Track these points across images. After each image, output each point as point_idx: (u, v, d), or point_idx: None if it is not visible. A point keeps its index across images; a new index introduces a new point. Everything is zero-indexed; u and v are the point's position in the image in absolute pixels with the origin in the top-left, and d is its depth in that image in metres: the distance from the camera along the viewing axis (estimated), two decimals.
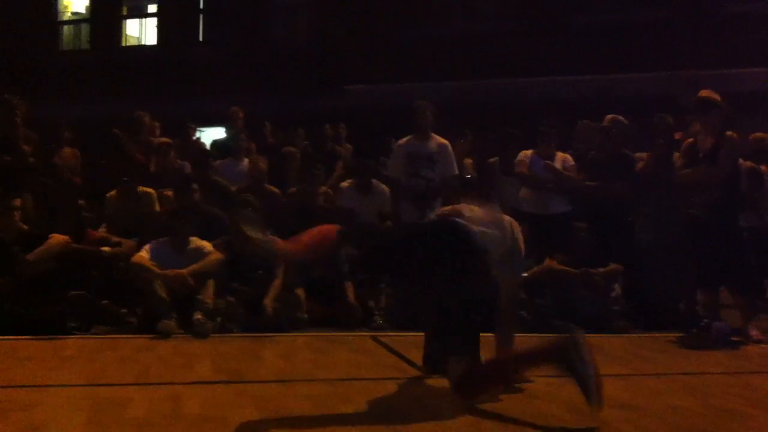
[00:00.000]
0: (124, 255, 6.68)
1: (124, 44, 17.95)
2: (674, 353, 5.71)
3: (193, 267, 6.25)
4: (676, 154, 6.82)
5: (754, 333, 6.12)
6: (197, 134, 10.62)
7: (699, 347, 5.85)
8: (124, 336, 5.93)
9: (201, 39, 17.34)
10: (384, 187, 7.72)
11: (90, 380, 4.36)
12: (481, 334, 3.93)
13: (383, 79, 14.46)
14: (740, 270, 6.24)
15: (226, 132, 9.76)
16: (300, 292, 6.66)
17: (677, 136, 7.31)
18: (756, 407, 3.96)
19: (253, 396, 3.97)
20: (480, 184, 7.73)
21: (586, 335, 3.63)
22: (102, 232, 7.25)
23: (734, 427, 3.53)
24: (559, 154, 7.59)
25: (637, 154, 7.58)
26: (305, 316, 6.55)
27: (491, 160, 8.16)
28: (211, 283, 6.24)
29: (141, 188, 7.51)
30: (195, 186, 7.16)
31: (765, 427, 3.57)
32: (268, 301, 6.37)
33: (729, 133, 6.22)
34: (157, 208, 7.50)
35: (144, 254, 6.29)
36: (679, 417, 3.72)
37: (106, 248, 6.76)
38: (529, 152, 7.60)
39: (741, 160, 6.74)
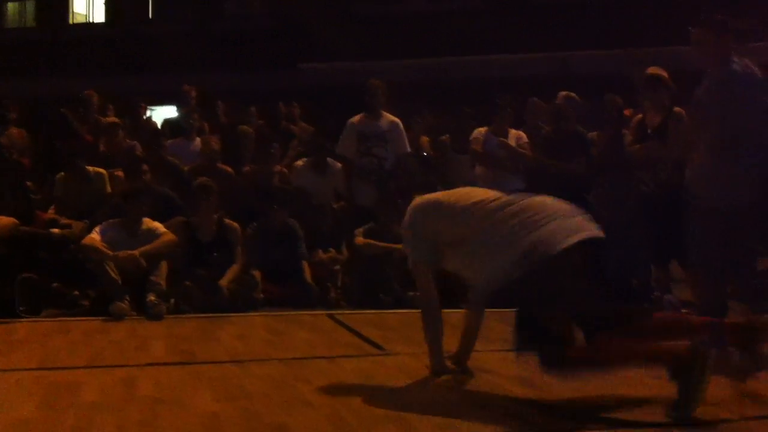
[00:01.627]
0: (75, 237, 6.59)
1: (71, 21, 17.57)
2: None
3: (146, 248, 6.18)
4: (626, 131, 6.91)
5: None
6: (148, 113, 10.46)
7: None
8: (76, 319, 5.85)
9: (150, 16, 17.04)
10: (340, 166, 7.69)
11: (41, 364, 4.30)
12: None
13: (339, 57, 14.38)
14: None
15: (178, 111, 9.63)
16: (256, 272, 6.63)
17: (627, 112, 7.40)
18: None
19: (208, 377, 3.95)
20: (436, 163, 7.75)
21: None
22: (51, 213, 7.13)
23: None
24: (513, 132, 7.64)
25: (591, 134, 7.64)
26: (261, 296, 6.52)
27: (443, 138, 8.18)
28: (164, 265, 6.19)
29: (92, 169, 7.39)
30: (146, 166, 7.06)
31: (711, 395, 3.64)
32: (224, 282, 6.33)
33: (677, 109, 6.31)
34: (109, 189, 7.39)
35: (95, 236, 6.20)
36: (630, 388, 3.79)
37: (55, 230, 6.66)
38: (483, 130, 7.64)
39: None
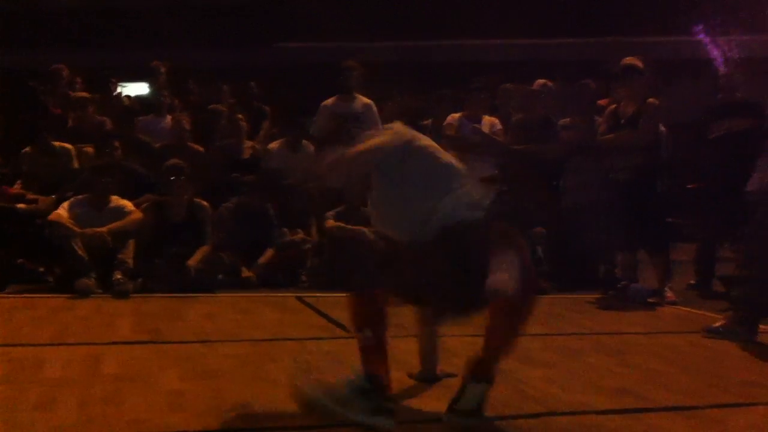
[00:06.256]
0: (41, 212, 6.50)
1: None
2: (592, 313, 5.85)
3: (113, 225, 6.12)
4: (599, 119, 6.93)
5: (669, 294, 6.32)
6: (119, 89, 10.31)
7: (616, 308, 6.01)
8: (41, 295, 5.78)
9: None
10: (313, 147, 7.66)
11: (5, 339, 4.23)
12: None
13: (314, 37, 14.30)
14: (656, 232, 6.43)
15: (150, 88, 9.51)
16: (226, 254, 6.58)
17: (603, 102, 7.42)
18: (670, 365, 4.10)
19: (174, 356, 3.91)
20: None
21: None
22: (18, 188, 7.02)
23: (649, 385, 3.64)
24: (487, 118, 7.64)
25: (561, 121, 7.67)
26: (230, 277, 6.49)
27: (424, 122, 8.16)
28: (131, 243, 6.13)
29: (59, 144, 7.28)
30: (117, 143, 6.98)
31: (678, 383, 3.70)
32: (192, 262, 6.28)
33: (651, 100, 6.35)
34: (76, 164, 7.29)
35: (62, 212, 6.12)
36: (597, 375, 3.82)
37: (21, 205, 6.57)
38: (457, 115, 7.64)
39: (662, 127, 6.88)
